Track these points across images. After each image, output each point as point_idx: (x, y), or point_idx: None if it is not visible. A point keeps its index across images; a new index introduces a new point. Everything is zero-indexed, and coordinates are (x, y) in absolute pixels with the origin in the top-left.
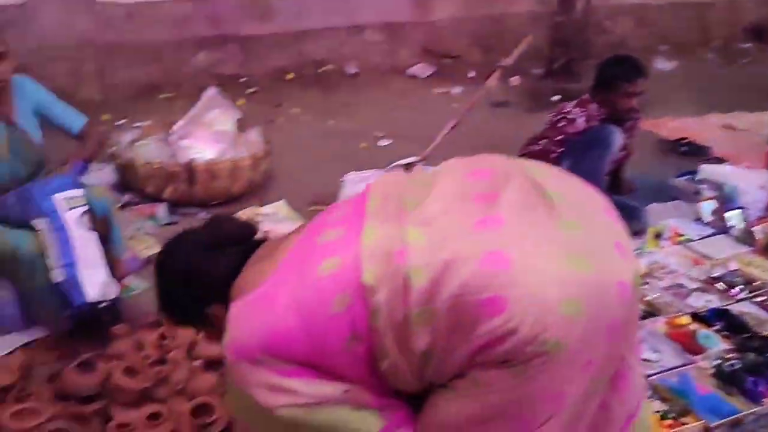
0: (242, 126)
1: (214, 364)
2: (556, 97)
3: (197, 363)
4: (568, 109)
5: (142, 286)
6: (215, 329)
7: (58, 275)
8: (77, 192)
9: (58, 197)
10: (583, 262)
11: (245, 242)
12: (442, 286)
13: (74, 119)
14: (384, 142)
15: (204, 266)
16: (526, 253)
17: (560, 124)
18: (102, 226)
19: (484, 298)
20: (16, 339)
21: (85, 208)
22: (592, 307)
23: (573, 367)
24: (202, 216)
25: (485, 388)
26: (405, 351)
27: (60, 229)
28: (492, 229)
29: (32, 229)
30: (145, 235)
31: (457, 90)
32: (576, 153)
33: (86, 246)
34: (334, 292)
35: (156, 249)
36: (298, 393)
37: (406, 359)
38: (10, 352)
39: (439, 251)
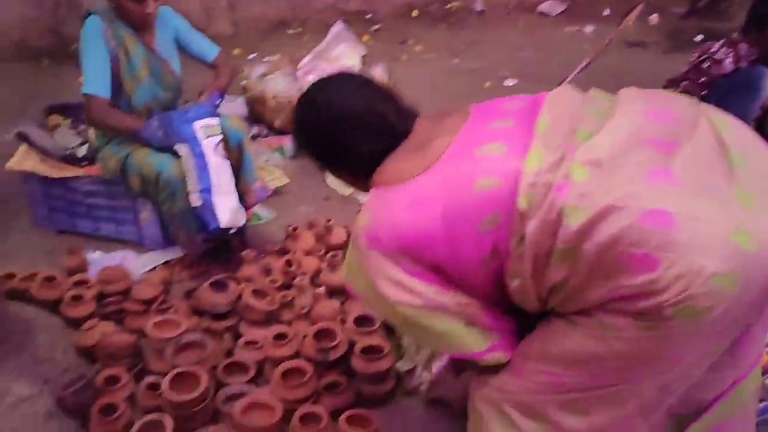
0: (367, 62)
1: (336, 292)
2: (699, 37)
3: (321, 290)
4: (714, 50)
5: (269, 216)
6: (350, 179)
7: (196, 200)
8: (214, 121)
9: (197, 125)
10: (748, 239)
11: (400, 130)
12: (595, 231)
13: (209, 49)
14: (509, 82)
15: (350, 140)
16: (691, 218)
17: (704, 65)
18: (235, 155)
19: (638, 254)
20: (158, 257)
21: (221, 137)
22: (744, 283)
23: (706, 334)
24: None
25: (611, 332)
26: (538, 278)
27: (199, 155)
28: (663, 184)
29: (174, 154)
30: (273, 167)
31: (589, 29)
32: (721, 97)
33: (221, 174)
34: (486, 211)
35: (283, 181)
36: (419, 295)
37: (536, 285)
38: (152, 269)
39: (600, 195)
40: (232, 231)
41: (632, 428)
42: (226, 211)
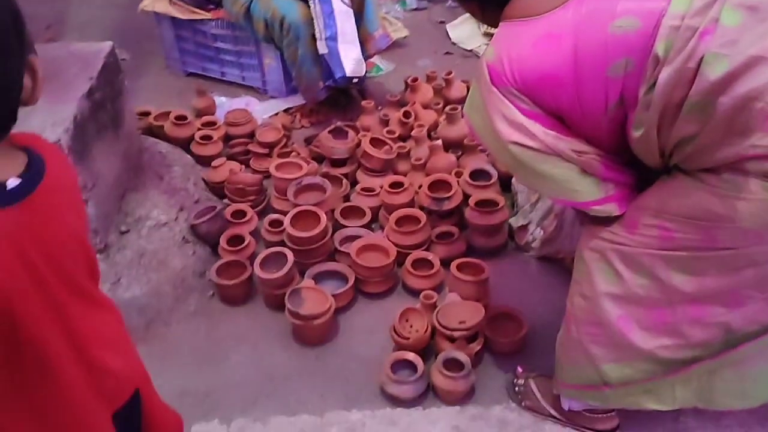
0: None
1: (453, 145)
2: None
3: (437, 143)
4: None
5: (388, 67)
6: (477, 10)
7: (322, 47)
8: None
9: None
10: None
11: None
12: (736, 84)
13: None
14: None
15: None
16: None
17: None
18: (357, 2)
19: None
20: (279, 104)
21: None
22: None
23: None
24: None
25: (737, 193)
26: (664, 131)
27: (325, 1)
28: None
29: None
30: (393, 19)
31: None
32: None
33: (345, 22)
34: (618, 56)
35: (403, 33)
36: (534, 137)
37: (661, 138)
38: (274, 115)
39: (749, 44)
40: (355, 80)
41: (746, 299)
42: (351, 60)
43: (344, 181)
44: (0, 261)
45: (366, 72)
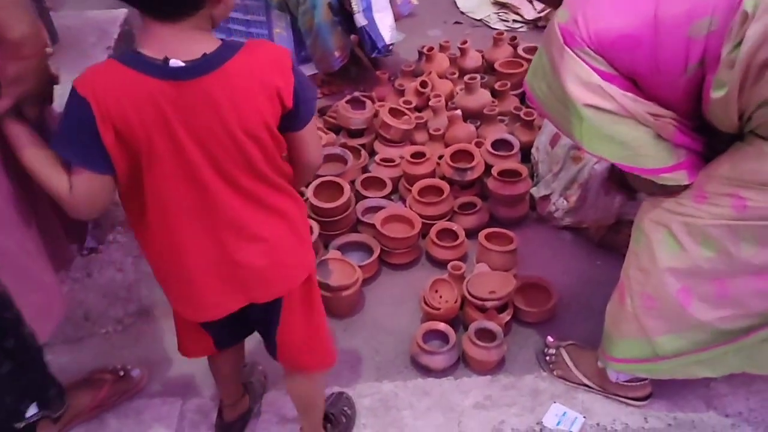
0: None
1: (471, 115)
2: None
3: (456, 113)
4: None
5: (398, 37)
6: None
7: (361, 19)
8: None
9: None
10: None
11: None
12: None
13: None
14: None
15: None
16: None
17: None
18: None
19: None
20: None
21: None
22: None
23: None
24: None
25: None
26: (746, 91)
27: None
28: None
29: None
30: None
31: None
32: None
33: None
34: (702, 14)
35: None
36: (611, 98)
37: (744, 98)
38: None
39: None
40: (390, 48)
41: None
42: (387, 27)
43: (363, 151)
44: (142, 117)
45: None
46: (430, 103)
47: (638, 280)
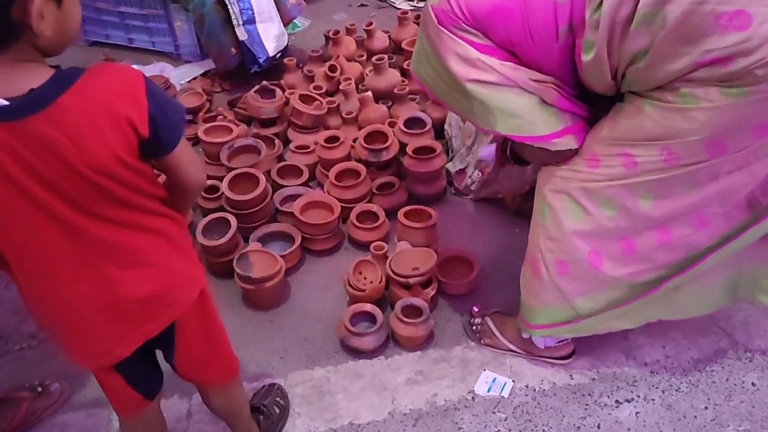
0: None
1: (383, 96)
2: None
3: (367, 94)
4: None
5: (304, 23)
6: None
7: (242, 34)
8: None
9: None
10: None
11: None
12: None
13: None
14: None
15: None
16: None
17: None
18: None
19: (727, 11)
20: (196, 68)
21: None
22: None
23: None
24: None
25: (694, 104)
26: (615, 49)
27: None
28: None
29: None
30: None
31: None
32: None
33: (261, 0)
34: None
35: None
36: (491, 70)
37: (613, 57)
38: (193, 79)
39: None
40: (278, 55)
41: (709, 218)
42: (272, 38)
43: (276, 140)
44: None
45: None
46: (340, 87)
47: (549, 248)
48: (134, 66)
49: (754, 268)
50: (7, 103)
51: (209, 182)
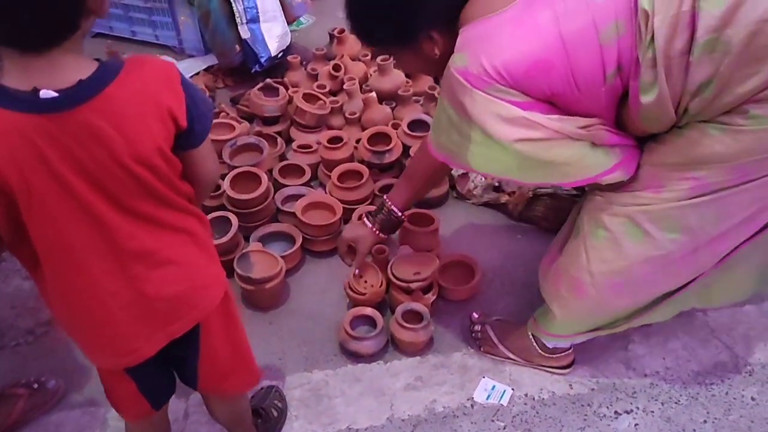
0: None
1: (386, 97)
2: None
3: (371, 95)
4: None
5: (309, 20)
6: (420, 58)
7: (244, 32)
8: None
9: None
10: None
11: None
12: (741, 11)
13: None
14: None
15: None
16: None
17: None
18: None
19: None
20: (199, 63)
21: None
22: None
23: None
24: None
25: (765, 124)
26: (676, 83)
27: None
28: None
29: None
30: None
31: None
32: None
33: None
34: (606, 21)
35: None
36: (538, 126)
37: (675, 92)
38: (195, 74)
39: None
40: (280, 54)
41: (760, 218)
42: (275, 38)
43: (279, 139)
44: (13, 157)
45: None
46: (344, 87)
47: (602, 271)
48: None
49: None
50: (56, 94)
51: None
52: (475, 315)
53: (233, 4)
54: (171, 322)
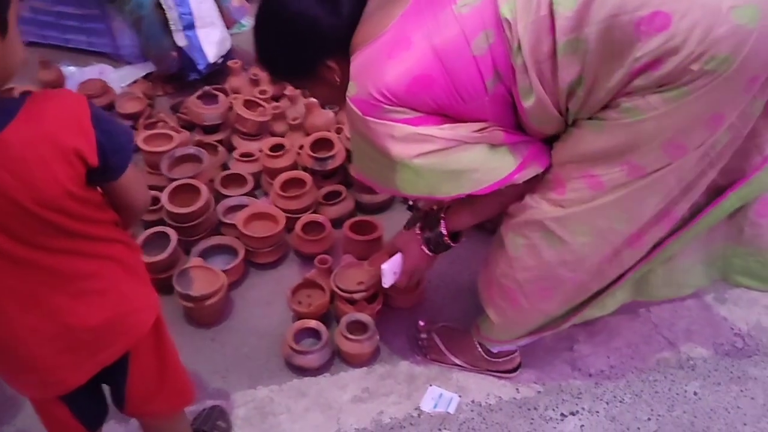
0: None
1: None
2: None
3: (313, 100)
4: None
5: (250, 23)
6: (325, 86)
7: (180, 39)
8: None
9: None
10: None
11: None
12: (592, 9)
13: None
14: None
15: (319, 13)
16: None
17: None
18: None
19: (644, 15)
20: (137, 70)
21: None
22: (766, 13)
23: (737, 85)
24: None
25: (640, 116)
26: (550, 85)
27: None
28: None
29: None
30: None
31: None
32: None
33: (201, 3)
34: (475, 32)
35: None
36: (433, 138)
37: (551, 94)
38: (134, 82)
39: None
40: (220, 60)
41: (676, 213)
42: (213, 44)
43: (220, 148)
44: None
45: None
46: (285, 92)
47: (528, 279)
48: (72, 68)
49: (724, 248)
50: None
51: (150, 193)
52: (421, 323)
53: (167, 11)
54: (99, 351)
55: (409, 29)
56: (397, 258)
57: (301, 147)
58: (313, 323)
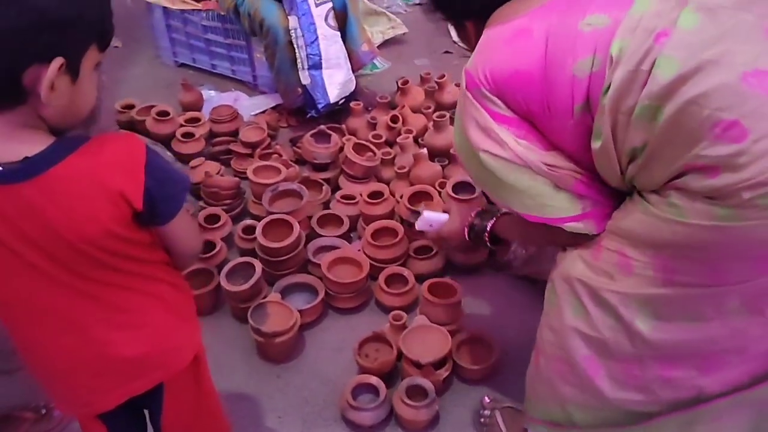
0: None
1: (439, 154)
2: None
3: (423, 151)
4: None
5: (384, 65)
6: (466, 40)
7: (305, 78)
8: None
9: None
10: None
11: None
12: (684, 87)
13: None
14: None
15: None
16: None
17: None
18: (339, 17)
19: (723, 119)
20: (269, 100)
21: (330, 5)
22: None
23: None
24: None
25: (684, 217)
26: (616, 140)
27: (309, 29)
28: None
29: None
30: (392, 15)
31: None
32: None
33: (330, 45)
34: (586, 52)
35: (401, 30)
36: (505, 145)
37: (615, 149)
38: (262, 112)
39: (703, 47)
40: (341, 102)
41: (723, 364)
42: (336, 85)
43: (325, 186)
44: None
45: (358, 72)
46: (397, 140)
47: (549, 341)
48: (212, 91)
49: None
50: (0, 168)
51: (248, 222)
52: (487, 399)
53: (297, 51)
54: (130, 380)
55: (536, 24)
56: (442, 217)
57: (401, 196)
58: (374, 380)
